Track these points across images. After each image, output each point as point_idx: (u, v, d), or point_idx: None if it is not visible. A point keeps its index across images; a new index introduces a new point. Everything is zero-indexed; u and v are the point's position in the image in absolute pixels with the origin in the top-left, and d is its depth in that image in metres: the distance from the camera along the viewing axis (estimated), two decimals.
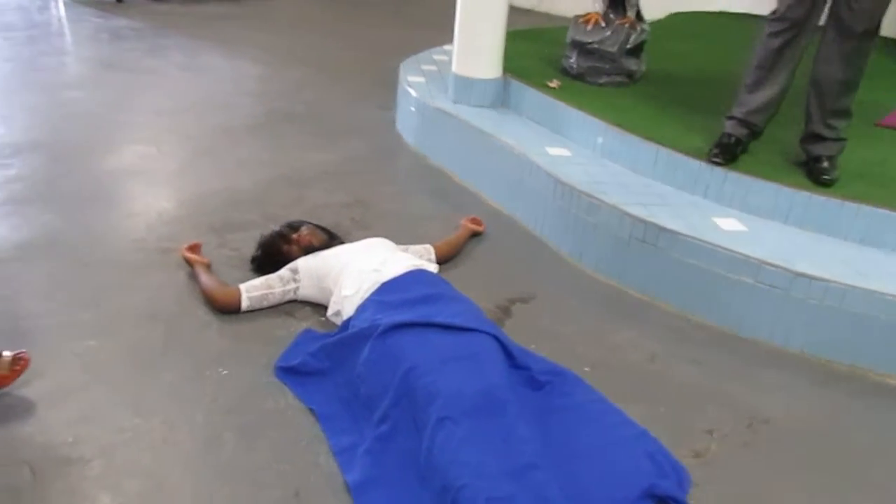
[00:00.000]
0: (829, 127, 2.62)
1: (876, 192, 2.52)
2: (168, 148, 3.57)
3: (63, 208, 2.86)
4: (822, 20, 2.52)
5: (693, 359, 2.25)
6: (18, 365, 1.84)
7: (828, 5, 2.48)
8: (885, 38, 5.36)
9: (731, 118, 2.78)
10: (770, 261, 2.26)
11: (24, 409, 1.81)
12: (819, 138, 2.66)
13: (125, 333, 2.13)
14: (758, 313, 2.33)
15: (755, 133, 2.79)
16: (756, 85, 2.69)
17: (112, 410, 1.83)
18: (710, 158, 2.71)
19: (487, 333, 1.93)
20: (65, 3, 6.72)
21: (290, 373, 2.01)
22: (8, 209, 2.81)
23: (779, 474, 1.81)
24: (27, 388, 1.86)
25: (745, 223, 2.54)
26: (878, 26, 2.43)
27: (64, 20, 6.31)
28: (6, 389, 1.83)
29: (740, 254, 2.31)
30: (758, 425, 1.97)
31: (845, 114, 2.61)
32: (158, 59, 5.24)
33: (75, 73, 4.83)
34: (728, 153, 2.71)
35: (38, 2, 6.85)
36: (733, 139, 2.74)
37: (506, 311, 2.42)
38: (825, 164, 2.61)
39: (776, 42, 2.57)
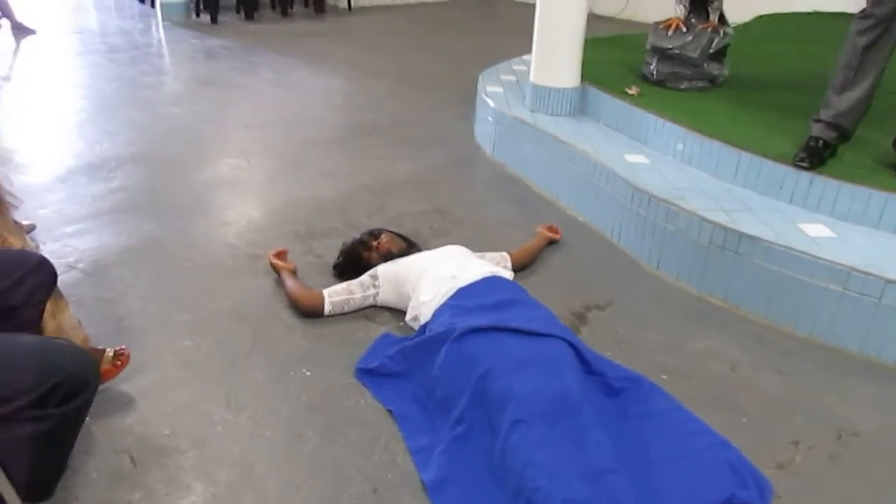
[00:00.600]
0: None
1: None
2: (257, 160, 3.75)
3: (162, 217, 3.05)
4: None
5: (777, 368, 2.19)
6: (120, 360, 1.99)
7: None
8: None
9: (818, 121, 2.70)
10: (860, 267, 2.18)
11: (124, 402, 1.94)
12: None
13: (217, 334, 2.26)
14: (847, 322, 2.24)
15: (845, 136, 2.69)
16: (844, 86, 2.61)
17: (205, 405, 1.94)
18: (797, 163, 2.64)
19: (562, 339, 1.94)
20: (164, 26, 7.13)
21: (369, 374, 2.08)
22: (112, 217, 3.02)
23: (868, 490, 1.74)
24: (127, 382, 2.00)
25: (834, 229, 2.45)
26: None
27: (163, 41, 6.70)
28: (108, 383, 1.97)
29: (827, 260, 2.23)
30: (847, 438, 1.90)
31: None
32: (250, 75, 5.50)
33: (174, 91, 5.13)
34: (815, 157, 2.63)
35: (139, 25, 7.30)
36: (821, 142, 2.66)
37: (581, 317, 2.42)
38: None
39: (863, 40, 2.50)
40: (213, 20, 7.30)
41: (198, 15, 7.53)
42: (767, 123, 2.91)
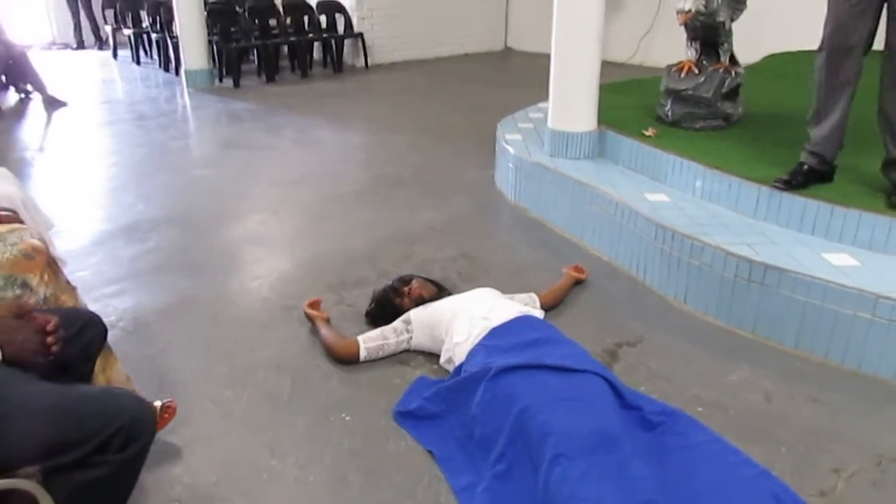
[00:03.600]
0: None
1: None
2: (285, 215, 3.86)
3: (196, 274, 3.14)
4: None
5: (812, 397, 2.20)
6: (167, 413, 2.05)
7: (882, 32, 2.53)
8: None
9: (804, 149, 2.85)
10: (887, 294, 2.20)
11: (172, 453, 1.99)
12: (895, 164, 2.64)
13: (257, 384, 2.32)
14: (879, 349, 2.25)
15: (825, 162, 2.80)
16: (816, 117, 2.76)
17: (249, 453, 1.99)
18: (773, 184, 2.78)
19: (597, 374, 1.98)
20: (189, 93, 7.39)
21: (407, 417, 2.12)
22: (149, 277, 3.12)
23: None
24: (174, 434, 2.05)
25: (858, 258, 2.49)
26: None
27: (188, 107, 6.94)
28: (157, 435, 2.03)
29: (854, 288, 2.26)
30: (887, 464, 1.90)
31: None
32: (273, 136, 5.67)
33: (201, 154, 5.30)
34: (795, 178, 2.77)
35: (165, 92, 7.57)
36: (805, 167, 2.80)
37: (613, 354, 2.45)
38: None
39: (824, 72, 2.65)
40: (236, 84, 7.56)
41: (221, 80, 7.80)
42: (783, 158, 2.97)
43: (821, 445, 1.98)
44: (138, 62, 9.38)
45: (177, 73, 8.17)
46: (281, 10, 8.42)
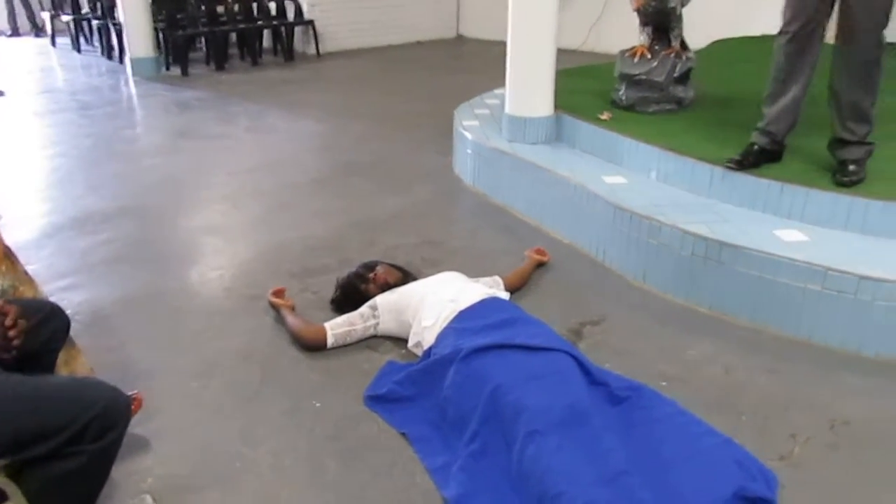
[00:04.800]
0: (849, 131, 2.72)
1: None
2: (244, 204, 3.82)
3: (154, 266, 3.08)
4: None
5: (769, 368, 2.29)
6: (133, 405, 2.01)
7: (834, 18, 2.64)
8: None
9: (756, 129, 2.94)
10: (835, 266, 2.31)
11: (141, 445, 1.97)
12: (842, 142, 2.76)
13: (225, 374, 2.30)
14: (829, 319, 2.36)
15: (776, 142, 2.91)
16: (772, 96, 2.86)
17: (221, 443, 1.98)
18: (726, 163, 2.88)
19: (565, 352, 2.03)
20: (135, 81, 7.20)
21: (379, 401, 2.13)
22: (104, 269, 3.05)
23: (866, 472, 1.84)
24: (141, 426, 2.02)
25: (806, 233, 2.59)
26: (880, 36, 2.56)
27: (135, 96, 6.76)
28: None
29: (805, 262, 2.36)
30: (840, 427, 2.00)
31: (863, 119, 2.71)
32: (226, 124, 5.58)
33: (152, 143, 5.18)
34: (746, 159, 2.88)
35: (109, 81, 7.36)
36: (755, 147, 2.90)
37: (577, 333, 2.51)
38: (850, 167, 2.71)
39: (782, 55, 2.76)
40: (184, 73, 7.39)
41: (168, 68, 7.62)
42: (734, 139, 3.06)
43: (778, 413, 2.07)
44: (79, 50, 9.09)
45: (121, 61, 7.95)
46: None
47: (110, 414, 1.40)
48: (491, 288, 2.55)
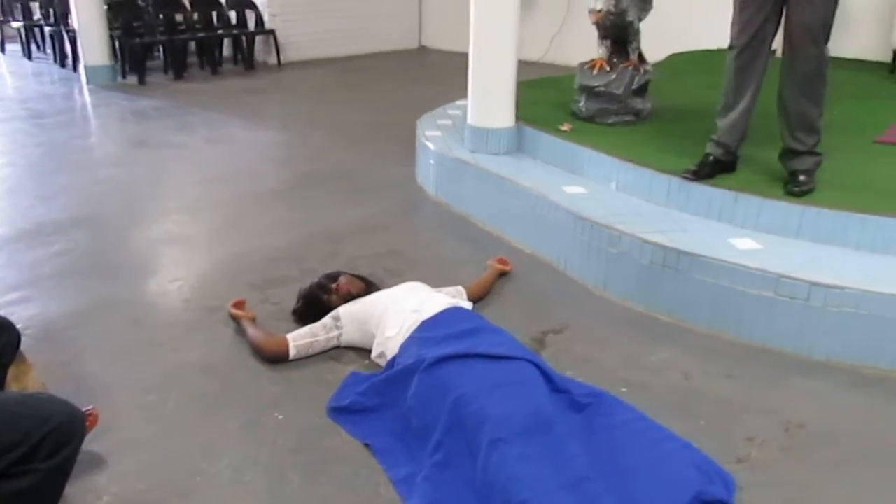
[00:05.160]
0: (798, 141, 2.81)
1: (879, 203, 2.65)
2: (204, 215, 3.76)
3: (110, 278, 3.02)
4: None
5: (726, 373, 2.34)
6: (88, 420, 1.96)
7: (780, 33, 2.75)
8: (880, 63, 5.56)
9: (710, 140, 3.02)
10: (787, 273, 2.38)
11: (96, 462, 1.91)
12: (792, 153, 2.85)
13: (184, 387, 2.26)
14: (782, 325, 2.42)
15: (730, 152, 2.98)
16: (724, 109, 2.95)
17: (180, 457, 1.94)
18: (682, 174, 2.94)
19: (528, 360, 2.04)
20: (89, 90, 7.05)
21: (342, 412, 2.12)
22: (56, 282, 2.97)
23: (819, 473, 1.89)
24: (97, 442, 1.96)
25: (760, 241, 2.66)
26: (822, 50, 2.66)
27: (90, 105, 6.63)
28: None
29: (759, 269, 2.42)
30: (794, 430, 2.05)
31: (811, 129, 2.80)
32: (185, 134, 5.50)
33: (107, 153, 5.08)
34: (702, 169, 2.95)
35: (62, 89, 7.20)
36: (711, 158, 2.98)
37: (540, 342, 2.53)
38: (801, 178, 2.79)
39: (732, 69, 2.85)
40: (141, 81, 7.27)
41: (124, 77, 7.48)
42: (690, 150, 3.13)
43: (735, 417, 2.11)
44: (30, 57, 8.88)
45: (75, 69, 7.78)
46: (188, 4, 8.15)
47: (64, 430, 1.36)
48: (454, 298, 2.56)
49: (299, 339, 2.39)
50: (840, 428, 2.07)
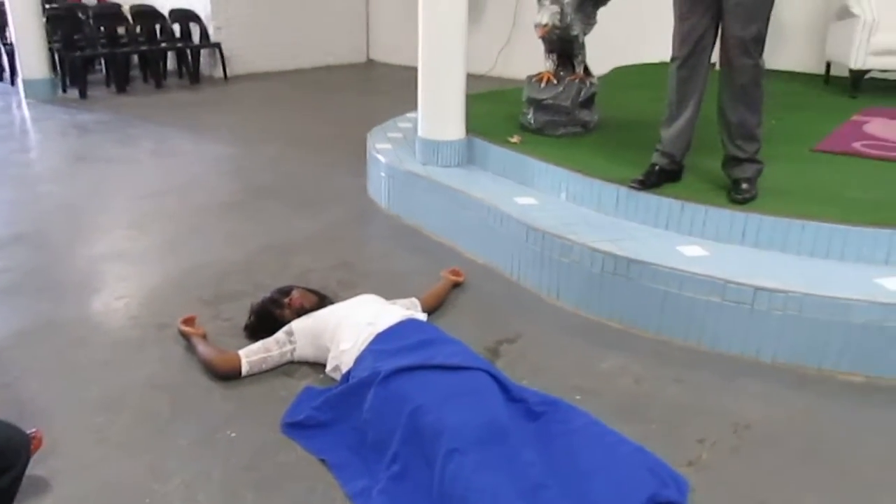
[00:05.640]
0: (739, 148, 2.91)
1: (818, 209, 2.75)
2: (152, 230, 3.68)
3: (55, 295, 2.93)
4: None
5: (676, 378, 2.39)
6: (33, 443, 1.90)
7: (717, 45, 2.85)
8: (814, 75, 5.80)
9: (656, 150, 3.10)
10: (733, 279, 2.45)
11: (41, 486, 1.84)
12: (735, 160, 2.94)
13: (133, 406, 2.20)
14: (729, 329, 2.49)
15: (675, 162, 3.07)
16: (668, 119, 3.03)
17: (129, 479, 1.89)
18: (630, 184, 3.01)
19: (483, 370, 2.05)
20: (28, 104, 6.85)
21: (296, 428, 2.09)
22: None
23: (767, 472, 1.94)
24: (42, 465, 1.90)
25: (706, 248, 2.74)
26: (758, 61, 2.76)
27: (28, 119, 6.43)
28: None
29: (706, 275, 2.49)
30: (742, 431, 2.11)
31: (751, 137, 2.90)
32: (130, 147, 5.38)
33: (49, 168, 4.94)
34: (649, 179, 3.02)
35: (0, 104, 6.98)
36: (656, 167, 3.05)
37: (494, 352, 2.54)
38: (743, 185, 2.89)
39: (674, 80, 2.95)
40: (83, 95, 7.08)
41: (65, 91, 7.29)
42: (636, 160, 3.21)
43: (686, 420, 2.16)
44: None
45: (12, 82, 7.56)
46: (130, 17, 7.99)
47: (7, 453, 1.31)
48: (408, 309, 2.55)
49: (252, 354, 2.36)
50: (785, 428, 2.14)
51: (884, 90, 5.22)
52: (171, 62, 8.47)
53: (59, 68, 7.40)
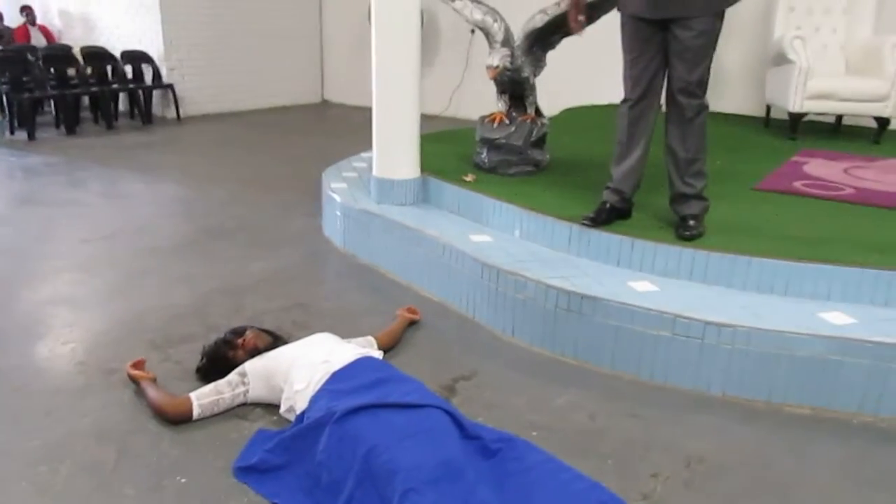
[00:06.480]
0: (689, 185, 3.00)
1: (761, 245, 2.84)
2: (99, 273, 3.60)
3: None
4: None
5: (629, 413, 2.42)
6: None
7: (665, 87, 2.96)
8: (755, 118, 6.04)
9: (606, 188, 3.17)
10: (683, 314, 2.51)
11: None
12: (683, 197, 3.03)
13: (77, 455, 2.13)
14: (680, 363, 2.54)
15: (624, 199, 3.15)
16: (619, 158, 3.11)
17: None
18: (581, 221, 3.08)
19: (439, 408, 2.05)
20: None
21: (249, 472, 2.05)
22: None
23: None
24: None
25: (656, 284, 2.80)
26: (701, 102, 2.88)
27: None
28: None
29: (656, 311, 2.54)
30: (695, 465, 2.14)
31: (698, 173, 3.00)
32: (78, 190, 5.28)
33: None
34: (600, 216, 3.09)
35: None
36: (607, 205, 3.13)
37: (450, 389, 2.54)
38: (691, 223, 2.98)
39: (624, 120, 3.04)
40: (31, 137, 6.95)
41: (13, 133, 7.14)
42: (587, 198, 3.28)
43: (640, 454, 2.18)
44: None
45: None
46: (81, 58, 7.92)
47: None
48: (364, 348, 2.54)
49: (203, 397, 2.31)
50: (736, 460, 2.17)
51: (821, 132, 5.47)
52: (122, 103, 8.39)
53: (6, 110, 7.27)
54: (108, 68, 8.09)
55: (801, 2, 5.63)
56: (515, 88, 4.00)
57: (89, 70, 7.91)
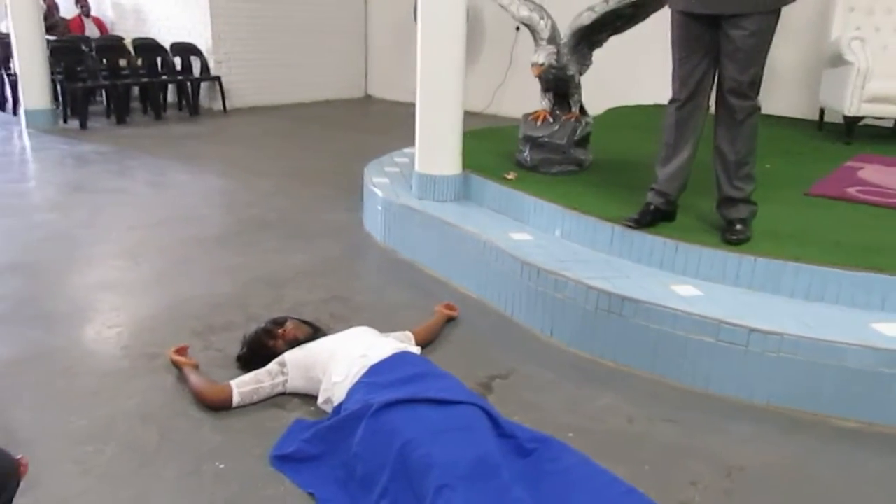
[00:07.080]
0: (737, 188, 2.93)
1: (811, 252, 2.76)
2: (145, 260, 3.68)
3: (46, 324, 2.91)
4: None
5: (668, 418, 2.38)
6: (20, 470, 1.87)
7: (714, 87, 2.89)
8: (808, 121, 5.89)
9: (651, 189, 3.11)
10: (727, 320, 2.45)
11: None
12: (731, 201, 2.96)
13: (120, 437, 2.17)
14: (722, 370, 2.49)
15: (669, 201, 3.09)
16: (665, 159, 3.05)
17: None
18: (624, 222, 3.03)
19: (475, 405, 2.04)
20: (29, 133, 6.89)
21: (285, 461, 2.07)
22: None
23: None
24: (24, 497, 1.85)
25: (700, 288, 2.74)
26: (753, 103, 2.81)
27: (28, 149, 6.46)
28: None
29: (699, 315, 2.49)
30: (735, 474, 2.09)
31: (747, 177, 2.93)
32: (126, 178, 5.40)
33: (46, 197, 4.94)
34: (643, 218, 3.05)
35: (0, 133, 7.01)
36: (651, 206, 3.08)
37: (487, 387, 2.53)
38: (738, 226, 2.91)
39: (672, 120, 2.98)
40: (83, 126, 7.14)
41: (66, 121, 7.35)
42: (631, 199, 3.24)
43: (678, 461, 2.14)
44: None
45: (14, 112, 7.61)
46: (132, 50, 8.10)
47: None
48: (402, 342, 2.54)
49: (243, 385, 2.34)
50: (778, 471, 2.12)
51: (878, 137, 5.30)
52: (171, 94, 8.56)
53: (60, 99, 7.47)
54: (158, 60, 8.25)
55: (861, 1, 5.46)
56: (560, 86, 3.96)
57: (140, 61, 8.08)
